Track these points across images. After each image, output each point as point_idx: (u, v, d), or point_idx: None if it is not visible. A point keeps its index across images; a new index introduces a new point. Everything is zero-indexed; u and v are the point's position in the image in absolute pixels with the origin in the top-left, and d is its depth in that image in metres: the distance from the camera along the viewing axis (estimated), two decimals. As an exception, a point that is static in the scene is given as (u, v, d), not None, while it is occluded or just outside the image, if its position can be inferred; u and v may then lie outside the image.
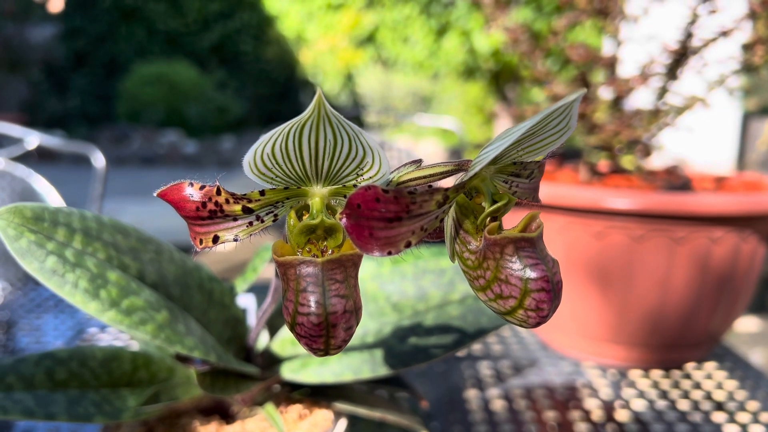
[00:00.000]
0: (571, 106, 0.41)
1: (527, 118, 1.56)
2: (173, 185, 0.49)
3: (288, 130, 0.43)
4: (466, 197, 0.47)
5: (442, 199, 0.43)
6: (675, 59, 1.54)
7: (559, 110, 0.41)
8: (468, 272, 0.48)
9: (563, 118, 0.42)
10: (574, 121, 0.43)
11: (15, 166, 2.46)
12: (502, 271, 0.45)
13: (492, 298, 0.46)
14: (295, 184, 0.49)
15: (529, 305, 0.44)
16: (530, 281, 0.44)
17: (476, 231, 0.47)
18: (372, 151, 0.44)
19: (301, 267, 0.46)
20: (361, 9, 12.11)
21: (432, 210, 0.43)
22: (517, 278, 0.44)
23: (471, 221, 0.47)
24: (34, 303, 1.73)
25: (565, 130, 0.44)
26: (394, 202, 0.41)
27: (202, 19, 13.63)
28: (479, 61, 10.28)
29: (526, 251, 0.44)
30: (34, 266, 0.61)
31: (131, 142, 11.96)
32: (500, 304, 0.46)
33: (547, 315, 0.44)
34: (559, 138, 0.44)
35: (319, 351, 0.46)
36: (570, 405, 1.19)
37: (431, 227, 0.44)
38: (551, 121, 0.42)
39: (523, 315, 0.45)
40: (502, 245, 0.45)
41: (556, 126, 0.43)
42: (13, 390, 0.72)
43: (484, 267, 0.46)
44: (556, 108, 0.40)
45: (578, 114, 1.60)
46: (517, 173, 0.48)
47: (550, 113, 0.41)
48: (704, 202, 1.26)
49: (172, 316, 0.69)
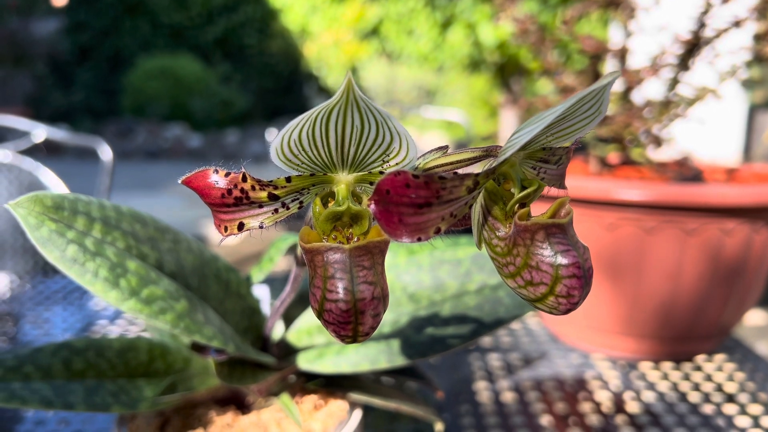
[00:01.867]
0: (604, 90, 0.40)
1: (536, 109, 1.55)
2: (198, 172, 0.48)
3: (315, 115, 0.42)
4: (495, 183, 0.47)
5: (472, 184, 0.42)
6: (687, 50, 1.53)
7: (592, 94, 0.40)
8: (496, 259, 0.47)
9: (595, 102, 0.42)
10: (606, 106, 0.42)
11: (22, 159, 2.47)
12: (533, 257, 0.44)
13: (522, 285, 0.46)
14: (321, 171, 0.49)
15: (560, 292, 0.44)
16: (561, 267, 0.44)
17: (505, 217, 0.47)
18: (400, 136, 0.44)
19: (328, 253, 0.46)
20: (365, 1, 12.07)
21: (462, 196, 0.42)
22: (548, 264, 0.44)
23: (500, 207, 0.46)
24: (42, 295, 1.73)
25: (596, 115, 0.43)
26: (425, 187, 0.40)
27: (206, 12, 13.62)
28: (484, 54, 10.25)
29: (557, 237, 0.44)
30: (55, 255, 0.61)
31: (136, 136, 11.97)
32: (530, 291, 0.45)
33: (578, 302, 0.44)
34: (590, 123, 0.44)
35: (347, 338, 0.46)
36: (580, 397, 1.19)
37: (460, 213, 0.43)
38: (583, 105, 0.42)
39: (553, 301, 0.45)
40: (532, 231, 0.44)
41: (587, 111, 0.42)
42: (31, 380, 0.72)
43: (513, 254, 0.45)
44: (589, 92, 0.40)
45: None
46: (546, 159, 0.48)
47: (582, 97, 0.40)
48: (716, 194, 1.25)
49: (191, 305, 0.69)
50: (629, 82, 1.59)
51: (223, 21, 13.63)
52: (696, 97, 1.56)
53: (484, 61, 10.37)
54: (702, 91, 1.56)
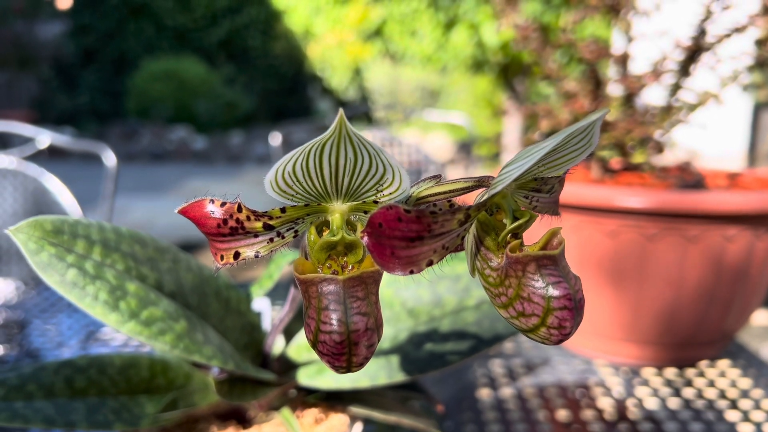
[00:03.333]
0: (594, 125, 0.41)
1: (539, 115, 1.54)
2: (194, 202, 0.49)
3: (309, 149, 0.43)
4: (487, 214, 0.47)
5: (463, 217, 0.43)
6: (688, 56, 1.53)
7: (581, 129, 0.41)
8: (489, 289, 0.48)
9: (585, 136, 0.42)
10: (596, 139, 0.43)
11: (27, 165, 2.48)
12: (525, 289, 0.45)
13: (514, 315, 0.46)
14: (316, 201, 0.49)
15: (551, 323, 0.44)
16: (553, 299, 0.44)
17: (497, 248, 0.47)
18: (393, 168, 0.44)
19: (322, 285, 0.46)
20: (368, 2, 12.07)
21: (454, 228, 0.43)
22: (539, 296, 0.44)
23: (492, 238, 0.47)
24: (48, 302, 1.74)
25: (587, 147, 0.44)
26: (416, 221, 0.41)
27: (210, 14, 13.63)
28: (488, 55, 10.24)
29: (548, 269, 0.44)
30: (55, 279, 0.61)
31: (141, 138, 12.00)
32: (522, 322, 0.46)
33: (570, 332, 0.44)
34: (581, 155, 0.44)
35: (341, 369, 0.46)
36: (583, 404, 1.19)
37: (452, 245, 0.44)
38: (573, 138, 0.42)
39: (545, 333, 0.45)
40: (524, 263, 0.45)
41: (578, 143, 0.43)
42: (34, 398, 0.73)
43: (506, 284, 0.45)
44: (578, 127, 0.40)
45: (590, 112, 1.60)
46: (538, 188, 0.48)
47: (571, 133, 0.41)
48: (718, 200, 1.25)
49: (190, 325, 0.70)
50: (631, 87, 1.59)
51: (227, 23, 13.64)
52: (698, 102, 1.56)
53: (488, 62, 10.36)
54: (704, 96, 1.56)
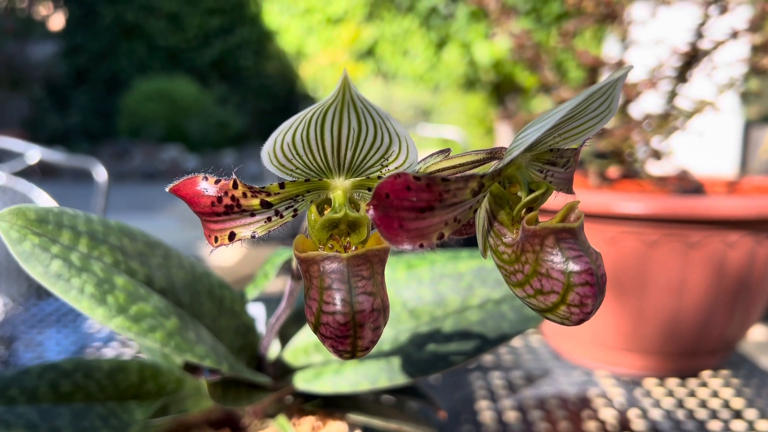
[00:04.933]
0: (615, 86, 0.38)
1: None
2: (186, 179, 0.46)
3: (310, 116, 0.40)
4: (501, 187, 0.44)
5: (477, 186, 0.40)
6: (685, 62, 1.53)
7: (602, 90, 0.38)
8: (503, 267, 0.45)
9: (606, 99, 0.39)
10: (617, 103, 0.40)
11: (17, 181, 2.44)
12: (543, 264, 0.42)
13: (531, 294, 0.43)
14: (316, 176, 0.46)
15: (572, 300, 0.41)
16: (573, 274, 0.41)
17: (512, 222, 0.44)
18: (399, 138, 0.41)
19: (325, 263, 0.43)
20: (360, 23, 12.16)
21: (467, 199, 0.40)
22: (559, 272, 0.41)
23: (506, 212, 0.44)
24: (36, 318, 1.70)
25: (606, 113, 0.41)
26: (427, 190, 0.38)
27: (203, 34, 13.69)
28: (479, 73, 10.31)
29: (567, 242, 0.41)
30: (38, 270, 0.58)
31: (132, 158, 11.96)
32: (540, 301, 0.42)
33: (591, 311, 0.41)
34: (599, 122, 0.42)
35: (345, 353, 0.43)
36: (584, 415, 1.17)
37: (465, 218, 0.41)
38: (593, 102, 0.39)
39: (565, 311, 0.42)
40: (542, 236, 0.42)
41: (597, 108, 0.40)
42: (16, 403, 0.69)
43: (521, 261, 0.43)
44: (599, 87, 0.37)
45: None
46: (553, 161, 0.46)
47: (592, 93, 0.38)
48: (718, 206, 1.24)
49: (182, 323, 0.66)
50: (627, 95, 1.58)
51: (219, 43, 13.69)
52: (694, 110, 1.55)
53: (480, 80, 10.43)
54: (700, 104, 1.55)
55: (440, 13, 11.46)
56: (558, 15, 9.68)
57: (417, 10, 11.72)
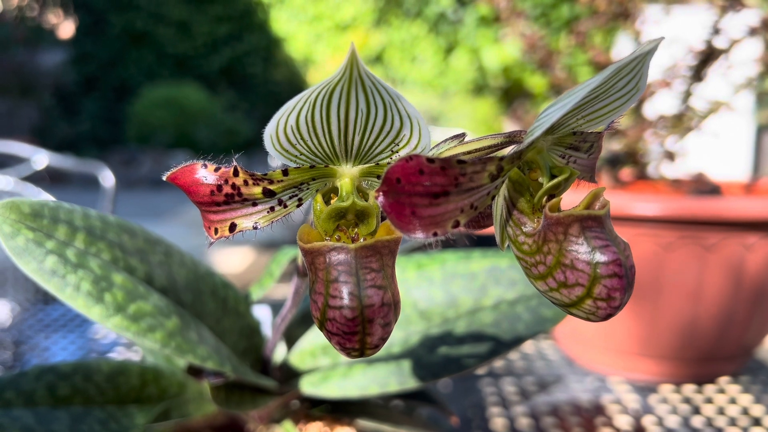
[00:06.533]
0: (644, 61, 0.35)
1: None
2: (185, 167, 0.43)
3: (315, 96, 0.37)
4: (520, 172, 0.41)
5: (495, 170, 0.37)
6: (701, 60, 1.50)
7: (631, 65, 0.35)
8: (524, 258, 0.41)
9: (634, 75, 0.36)
10: (645, 81, 0.37)
11: (24, 186, 2.44)
12: (567, 254, 0.38)
13: (554, 287, 0.40)
14: (322, 163, 0.43)
15: (599, 294, 0.38)
16: (600, 265, 0.38)
17: (533, 210, 0.41)
18: (411, 120, 0.39)
19: (331, 254, 0.40)
20: (369, 29, 12.17)
21: (484, 184, 0.37)
22: (584, 263, 0.38)
23: (527, 199, 0.41)
24: (42, 323, 1.69)
25: (634, 92, 0.38)
26: (441, 173, 0.35)
27: (211, 41, 13.73)
28: (488, 78, 10.29)
29: (594, 231, 0.38)
30: (31, 266, 0.55)
31: (141, 165, 11.99)
32: (564, 294, 0.39)
33: (620, 305, 0.38)
34: (626, 102, 0.39)
35: (353, 351, 0.40)
36: (598, 422, 1.15)
37: (482, 205, 0.38)
38: (620, 80, 0.36)
39: (591, 306, 0.39)
40: (566, 224, 0.38)
41: (624, 86, 0.37)
42: (12, 406, 0.67)
43: (543, 251, 0.39)
44: (627, 62, 0.34)
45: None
46: (576, 146, 0.43)
47: (620, 68, 0.35)
48: (736, 207, 1.21)
49: (183, 323, 0.64)
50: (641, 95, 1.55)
51: (227, 50, 13.73)
52: (709, 110, 1.53)
53: (488, 86, 10.42)
54: (715, 105, 1.53)
55: (448, 19, 11.45)
56: (567, 20, 9.67)
57: (425, 16, 11.72)
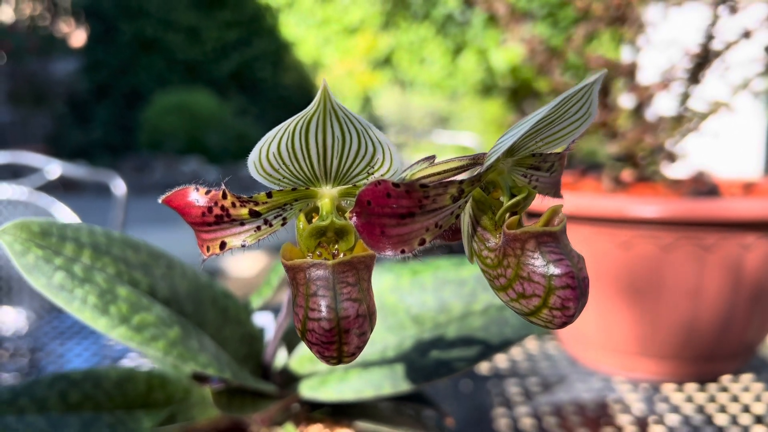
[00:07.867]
0: (591, 90, 0.38)
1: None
2: (178, 191, 0.47)
3: (294, 126, 0.41)
4: (483, 192, 0.45)
5: (456, 192, 0.40)
6: (697, 63, 1.51)
7: (578, 94, 0.38)
8: (487, 272, 0.45)
9: (583, 103, 0.40)
10: (595, 107, 0.40)
11: (38, 196, 2.48)
12: (524, 268, 0.42)
13: (514, 297, 0.43)
14: (304, 185, 0.47)
15: (554, 304, 0.41)
16: (554, 278, 0.41)
17: (495, 227, 0.44)
18: (382, 146, 0.42)
19: (310, 270, 0.44)
20: (377, 32, 12.19)
21: (447, 205, 0.40)
22: (540, 275, 0.41)
23: (489, 217, 0.44)
24: (57, 330, 1.73)
25: (586, 117, 0.41)
26: (406, 196, 0.38)
27: (221, 47, 13.80)
28: (497, 79, 10.28)
29: (548, 246, 0.41)
30: (41, 282, 0.59)
31: (153, 171, 12.07)
32: (523, 304, 0.43)
33: (574, 314, 0.41)
34: (580, 126, 0.42)
35: (332, 359, 0.44)
36: (602, 422, 1.16)
37: (446, 224, 0.41)
38: (571, 107, 0.39)
39: (548, 315, 0.42)
40: (522, 240, 0.42)
41: (576, 112, 0.40)
42: (26, 413, 0.71)
43: (504, 265, 0.43)
44: (574, 91, 0.38)
45: (599, 123, 1.58)
46: (537, 166, 0.46)
47: (568, 97, 0.38)
48: (734, 208, 1.22)
49: (184, 332, 0.67)
50: (640, 97, 1.57)
51: (237, 55, 13.80)
52: (709, 111, 1.54)
53: (497, 86, 10.40)
54: (714, 105, 1.54)
55: (456, 21, 11.46)
56: (575, 19, 9.62)
57: (433, 18, 11.73)
